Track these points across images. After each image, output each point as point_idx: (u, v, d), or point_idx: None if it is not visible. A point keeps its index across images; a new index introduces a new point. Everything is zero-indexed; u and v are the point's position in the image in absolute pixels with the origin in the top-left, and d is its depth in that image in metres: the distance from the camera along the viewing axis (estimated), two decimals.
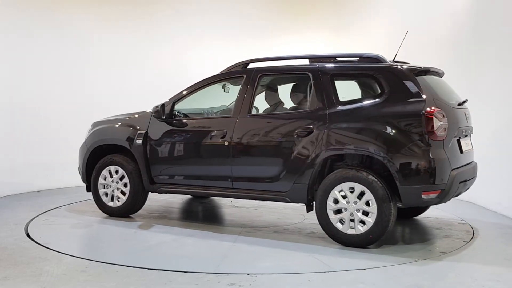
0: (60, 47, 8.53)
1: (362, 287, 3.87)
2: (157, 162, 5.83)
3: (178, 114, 5.86)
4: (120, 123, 6.21)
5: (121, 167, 6.00)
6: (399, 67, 4.99)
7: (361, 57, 5.29)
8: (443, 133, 4.73)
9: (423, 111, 4.67)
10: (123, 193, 6.02)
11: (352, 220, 4.84)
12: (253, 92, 5.48)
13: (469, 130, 5.38)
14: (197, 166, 5.70)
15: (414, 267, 4.35)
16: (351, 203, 4.83)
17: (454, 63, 7.27)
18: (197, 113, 6.20)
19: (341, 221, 4.90)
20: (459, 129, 5.06)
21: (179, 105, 5.87)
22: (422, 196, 4.66)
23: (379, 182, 4.72)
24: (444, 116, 4.74)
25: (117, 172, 6.04)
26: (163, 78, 9.08)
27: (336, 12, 10.04)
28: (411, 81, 4.83)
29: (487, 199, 6.78)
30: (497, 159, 6.42)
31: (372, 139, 4.79)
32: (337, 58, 5.41)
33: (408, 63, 5.33)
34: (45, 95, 8.31)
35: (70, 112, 8.48)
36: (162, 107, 5.76)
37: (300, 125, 5.12)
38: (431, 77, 5.19)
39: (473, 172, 5.35)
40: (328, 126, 4.98)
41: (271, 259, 4.58)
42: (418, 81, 4.83)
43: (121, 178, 6.02)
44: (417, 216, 6.21)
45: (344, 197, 4.87)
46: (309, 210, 5.18)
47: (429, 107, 4.69)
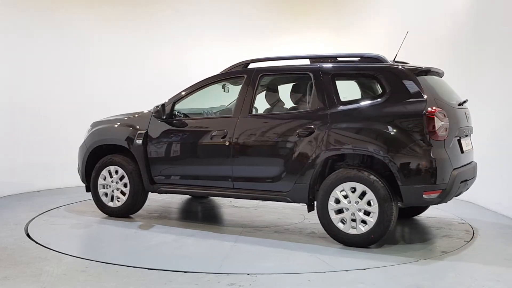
0: (60, 47, 8.53)
1: (362, 287, 3.87)
2: (157, 162, 5.83)
3: (178, 114, 5.86)
4: (120, 123, 6.20)
5: (121, 167, 6.00)
6: (400, 67, 4.99)
7: (362, 57, 5.29)
8: (444, 133, 4.74)
9: (424, 111, 4.68)
10: (123, 193, 6.02)
11: (353, 220, 4.84)
12: (254, 92, 5.49)
13: (469, 130, 5.39)
14: (197, 166, 5.70)
15: (415, 267, 4.35)
16: (352, 203, 4.83)
17: (454, 63, 7.27)
18: (196, 113, 6.20)
19: (343, 221, 4.90)
20: (459, 129, 5.07)
21: (179, 105, 5.87)
22: (423, 195, 4.67)
23: (380, 182, 4.72)
24: (445, 116, 4.75)
25: (116, 172, 6.04)
26: (163, 78, 9.08)
27: (336, 12, 10.04)
28: (412, 81, 4.83)
29: (487, 199, 6.77)
30: (497, 159, 6.42)
31: (373, 139, 4.79)
32: (338, 58, 5.42)
33: (408, 63, 5.33)
34: (45, 95, 8.31)
35: (70, 112, 8.48)
36: (163, 107, 5.76)
37: (301, 125, 5.11)
38: (432, 77, 5.19)
39: (474, 172, 5.37)
40: (329, 126, 4.98)
41: (273, 259, 4.58)
42: (419, 81, 4.83)
43: (120, 178, 6.01)
44: (417, 215, 6.22)
45: (346, 197, 4.87)
46: (310, 210, 5.18)
47: (430, 107, 4.69)
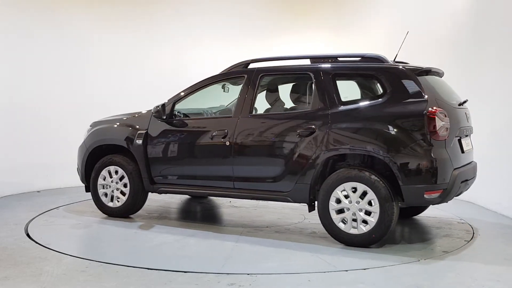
0: (60, 47, 8.52)
1: (362, 287, 3.87)
2: (157, 162, 5.82)
3: (178, 114, 5.85)
4: (119, 123, 6.20)
5: (120, 167, 5.99)
6: (400, 67, 4.99)
7: (362, 57, 5.29)
8: (445, 133, 4.74)
9: (425, 111, 4.68)
10: (122, 193, 6.01)
11: (354, 220, 4.84)
12: (254, 92, 5.48)
13: (469, 130, 5.39)
14: (198, 166, 5.70)
15: (415, 267, 4.35)
16: (353, 202, 4.83)
17: (454, 63, 7.27)
18: (196, 113, 6.20)
19: (344, 220, 4.90)
20: (460, 129, 5.07)
21: (179, 105, 5.86)
22: (424, 195, 4.67)
23: (381, 182, 4.72)
24: (446, 116, 4.75)
25: (116, 172, 6.03)
26: (163, 78, 9.07)
27: (336, 12, 10.03)
28: (413, 81, 4.83)
29: (487, 199, 6.77)
30: (497, 159, 6.42)
31: (374, 139, 4.79)
32: (338, 59, 5.42)
33: (407, 63, 5.33)
34: (45, 95, 8.31)
35: (70, 112, 8.47)
36: (163, 107, 5.75)
37: (302, 125, 5.11)
38: (432, 77, 5.20)
39: (474, 171, 5.37)
40: (330, 126, 4.98)
41: (275, 259, 4.58)
42: (419, 81, 4.83)
43: (120, 179, 6.01)
44: (417, 215, 6.22)
45: (347, 196, 4.87)
46: (311, 210, 5.18)
47: (431, 107, 4.70)
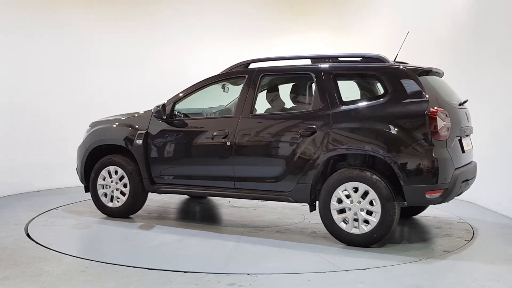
0: (60, 47, 8.52)
1: (362, 287, 3.87)
2: (157, 162, 5.82)
3: (179, 114, 5.85)
4: (119, 123, 6.19)
5: (120, 167, 5.98)
6: (401, 67, 5.00)
7: (363, 57, 5.29)
8: (446, 133, 4.75)
9: (426, 111, 4.69)
10: (122, 193, 6.00)
11: (355, 220, 4.84)
12: (255, 92, 5.48)
13: (469, 130, 5.40)
14: (198, 166, 5.69)
15: (415, 266, 4.35)
16: (354, 202, 4.83)
17: (454, 63, 7.27)
18: (196, 113, 6.19)
19: (345, 220, 4.90)
20: (460, 129, 5.08)
21: (179, 105, 5.85)
22: (426, 195, 4.68)
23: (383, 182, 4.72)
24: (447, 116, 4.76)
25: (116, 172, 6.02)
26: (163, 78, 9.08)
27: (336, 12, 10.04)
28: (414, 82, 4.84)
29: (487, 199, 6.77)
30: (497, 159, 6.42)
31: (376, 139, 4.79)
32: (339, 59, 5.42)
33: (407, 63, 5.33)
34: (45, 95, 8.31)
35: (70, 112, 8.47)
36: (163, 107, 5.74)
37: (303, 125, 5.11)
38: (433, 77, 5.20)
39: (474, 171, 5.39)
40: (331, 126, 4.98)
41: (277, 259, 4.58)
42: (420, 82, 4.84)
43: (120, 179, 6.00)
44: (416, 215, 6.22)
45: (348, 196, 4.87)
46: (312, 210, 5.18)
47: (432, 107, 4.70)
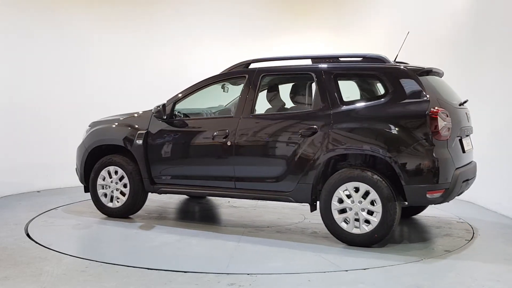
0: (60, 47, 8.52)
1: (362, 287, 3.87)
2: (158, 162, 5.81)
3: (179, 114, 5.85)
4: (119, 123, 6.18)
5: (120, 167, 5.97)
6: (402, 67, 5.00)
7: (364, 57, 5.30)
8: (447, 133, 4.76)
9: (427, 111, 4.69)
10: (122, 193, 6.00)
11: (356, 220, 4.84)
12: (256, 92, 5.47)
13: (469, 130, 5.41)
14: (199, 166, 5.69)
15: (415, 266, 4.35)
16: (355, 202, 4.84)
17: (454, 63, 7.27)
18: (195, 113, 6.18)
19: (346, 220, 4.90)
20: (461, 129, 5.09)
21: (179, 105, 5.85)
22: (427, 195, 4.69)
23: (384, 182, 4.72)
24: (447, 116, 4.77)
25: (116, 172, 6.02)
26: (163, 78, 9.08)
27: (336, 12, 10.04)
28: (415, 82, 4.85)
29: (487, 199, 6.77)
30: (497, 159, 6.42)
31: (377, 139, 4.80)
32: (339, 59, 5.42)
33: (407, 63, 5.33)
34: (45, 95, 8.31)
35: (70, 112, 8.47)
36: (163, 107, 5.74)
37: (304, 125, 5.11)
38: (433, 77, 5.21)
39: (474, 171, 5.39)
40: (332, 126, 4.99)
41: (278, 259, 4.58)
42: (421, 82, 4.84)
43: (120, 179, 5.99)
44: (416, 215, 6.22)
45: (349, 196, 4.87)
46: (312, 210, 5.18)
47: (433, 107, 4.71)
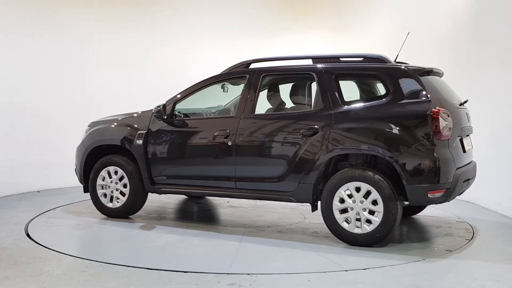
0: (60, 47, 8.51)
1: (362, 287, 3.87)
2: (158, 163, 5.81)
3: (179, 114, 5.84)
4: (119, 123, 6.18)
5: (120, 167, 5.97)
6: (403, 67, 5.00)
7: (365, 57, 5.30)
8: (448, 132, 4.77)
9: (428, 111, 4.69)
10: (122, 194, 5.99)
11: (358, 219, 4.85)
12: (256, 92, 5.47)
13: (470, 130, 5.42)
14: (199, 166, 5.68)
15: (415, 266, 4.35)
16: (357, 202, 4.84)
17: (454, 63, 7.27)
18: (195, 113, 6.18)
19: (347, 220, 4.90)
20: (461, 128, 5.10)
21: (179, 105, 5.84)
22: (428, 195, 4.69)
23: (385, 182, 4.73)
24: (448, 116, 4.78)
25: (116, 172, 6.01)
26: (163, 78, 9.08)
27: (336, 12, 10.04)
28: (416, 82, 4.85)
29: (487, 199, 6.77)
30: (497, 159, 6.42)
31: (378, 139, 4.80)
32: (340, 59, 5.42)
33: (407, 63, 5.33)
34: (45, 95, 8.30)
35: (70, 112, 8.47)
36: (164, 107, 5.73)
37: (305, 125, 5.11)
38: (433, 77, 5.21)
39: (474, 171, 5.40)
40: (333, 126, 4.99)
41: (281, 258, 4.58)
42: (422, 82, 4.84)
43: (120, 179, 5.99)
44: (415, 215, 6.22)
45: (350, 196, 4.88)
46: (314, 210, 5.18)
47: (435, 107, 4.71)
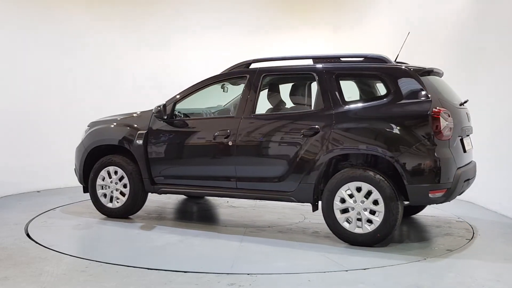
0: (60, 46, 8.51)
1: (362, 287, 3.87)
2: (158, 163, 5.80)
3: (179, 114, 5.84)
4: (119, 123, 6.17)
5: (120, 167, 5.96)
6: (404, 67, 5.00)
7: (365, 57, 5.30)
8: (449, 132, 4.77)
9: (429, 111, 4.70)
10: (122, 194, 5.99)
11: (359, 219, 4.85)
12: (257, 92, 5.46)
13: (470, 129, 5.42)
14: (200, 167, 5.67)
15: (415, 266, 4.35)
16: (358, 202, 4.84)
17: (454, 63, 7.27)
18: (195, 113, 6.17)
19: (348, 220, 4.91)
20: (462, 128, 5.10)
21: (179, 105, 5.83)
22: (429, 195, 4.70)
23: (386, 182, 4.73)
24: (449, 116, 4.78)
25: (116, 172, 6.01)
26: (163, 78, 9.09)
27: (336, 12, 10.04)
28: (417, 82, 4.85)
29: (487, 199, 6.77)
30: (497, 159, 6.42)
31: (379, 139, 4.80)
32: (341, 59, 5.42)
33: (407, 63, 5.33)
34: (45, 95, 8.30)
35: (70, 112, 8.46)
36: (164, 107, 5.72)
37: (306, 125, 5.11)
38: (434, 77, 5.21)
39: (474, 171, 5.41)
40: (334, 126, 4.99)
41: (283, 258, 4.58)
42: (423, 82, 4.84)
43: (120, 179, 5.98)
44: (415, 214, 6.22)
45: (351, 196, 4.88)
46: (314, 209, 5.18)
47: (435, 107, 4.72)
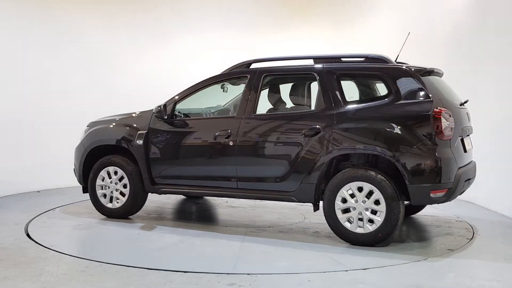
0: (60, 47, 8.51)
1: (362, 287, 3.87)
2: (158, 163, 5.79)
3: (179, 114, 5.84)
4: (118, 123, 6.16)
5: (120, 168, 5.95)
6: (405, 67, 5.01)
7: (366, 57, 5.30)
8: (450, 132, 4.78)
9: (430, 111, 4.70)
10: (122, 194, 5.98)
11: (360, 219, 4.85)
12: (258, 92, 5.46)
13: (470, 129, 5.43)
14: (200, 166, 5.66)
15: (416, 266, 4.35)
16: (359, 202, 4.84)
17: (454, 63, 7.27)
18: (195, 113, 6.17)
19: (349, 220, 4.91)
20: (462, 128, 5.11)
21: (179, 105, 5.83)
22: (430, 194, 4.71)
23: (387, 181, 4.73)
24: (450, 116, 4.79)
25: (116, 173, 6.00)
26: (163, 78, 9.07)
27: (336, 12, 10.03)
28: (418, 82, 4.86)
29: (487, 199, 6.77)
30: (497, 159, 6.42)
31: (380, 139, 4.81)
32: (342, 59, 5.42)
33: (407, 63, 5.33)
34: (45, 95, 8.30)
35: (70, 112, 8.45)
36: (164, 107, 5.72)
37: (307, 125, 5.11)
38: (434, 77, 5.21)
39: (474, 171, 5.41)
40: (335, 126, 4.99)
41: (285, 258, 4.58)
42: (424, 82, 4.85)
43: (120, 179, 5.97)
44: (414, 214, 6.23)
45: (352, 196, 4.88)
46: (316, 209, 5.18)
47: (436, 107, 4.72)
